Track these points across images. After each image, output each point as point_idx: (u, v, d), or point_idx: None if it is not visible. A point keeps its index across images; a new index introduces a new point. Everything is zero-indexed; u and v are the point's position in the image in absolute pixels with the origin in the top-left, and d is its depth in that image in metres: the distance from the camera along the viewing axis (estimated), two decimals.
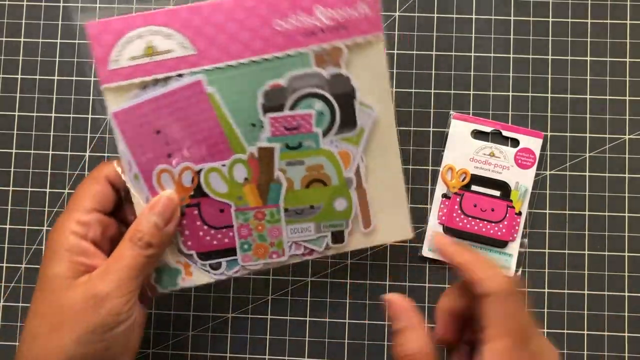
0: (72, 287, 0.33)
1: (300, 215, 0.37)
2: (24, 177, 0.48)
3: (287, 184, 0.36)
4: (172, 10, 0.34)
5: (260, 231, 0.37)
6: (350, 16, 0.35)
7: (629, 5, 0.48)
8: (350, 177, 0.37)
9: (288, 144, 0.36)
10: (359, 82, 0.36)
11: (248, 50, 0.35)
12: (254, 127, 0.36)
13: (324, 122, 0.36)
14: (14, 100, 0.48)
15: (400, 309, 0.33)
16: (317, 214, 0.37)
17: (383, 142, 0.38)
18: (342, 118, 0.36)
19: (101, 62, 0.34)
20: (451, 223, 0.46)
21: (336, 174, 0.36)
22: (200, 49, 0.34)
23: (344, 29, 0.36)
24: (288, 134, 0.35)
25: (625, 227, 0.46)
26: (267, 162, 0.35)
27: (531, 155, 0.46)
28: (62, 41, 0.48)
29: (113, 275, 0.33)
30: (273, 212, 0.36)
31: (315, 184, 0.36)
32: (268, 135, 0.35)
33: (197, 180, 0.36)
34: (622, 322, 0.45)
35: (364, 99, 0.37)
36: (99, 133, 0.48)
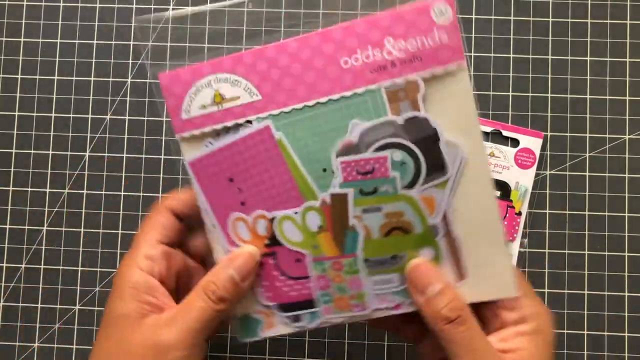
0: (137, 327, 0.32)
1: (382, 265, 0.34)
2: (24, 177, 0.48)
3: (365, 233, 0.33)
4: (237, 56, 0.33)
5: (339, 282, 0.34)
6: (425, 46, 0.32)
7: (629, 5, 0.48)
8: (435, 224, 0.33)
9: (362, 189, 0.33)
10: (442, 119, 0.32)
11: (315, 92, 0.33)
12: (325, 172, 0.33)
13: (408, 173, 0.33)
14: (14, 100, 0.48)
15: (431, 271, 0.33)
16: (400, 264, 0.34)
17: (474, 182, 0.33)
18: (428, 165, 0.33)
19: (174, 112, 0.34)
20: None
21: (420, 221, 0.33)
22: (266, 94, 0.33)
23: (419, 60, 0.32)
24: (361, 178, 0.33)
25: (625, 227, 0.46)
26: (340, 209, 0.33)
27: (531, 155, 0.46)
28: (62, 41, 0.48)
29: (179, 325, 0.32)
30: (351, 263, 0.34)
31: (396, 232, 0.33)
32: (340, 181, 0.33)
33: (271, 228, 0.34)
34: (622, 322, 0.45)
35: (450, 136, 0.32)
36: (99, 133, 0.48)
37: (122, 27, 0.49)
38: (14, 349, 0.46)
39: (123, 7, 0.48)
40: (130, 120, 0.48)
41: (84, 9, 0.49)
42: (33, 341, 0.46)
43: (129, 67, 0.48)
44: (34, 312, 0.47)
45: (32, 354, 0.46)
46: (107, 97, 0.48)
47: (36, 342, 0.46)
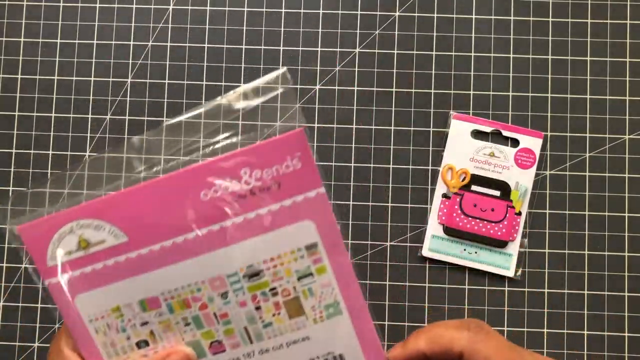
0: None
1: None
2: (24, 177, 0.48)
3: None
4: (97, 202, 0.33)
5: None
6: (281, 173, 0.32)
7: (629, 5, 0.48)
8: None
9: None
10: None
11: (176, 229, 0.33)
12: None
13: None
14: (14, 100, 0.48)
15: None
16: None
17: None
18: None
19: (39, 261, 0.34)
20: (451, 223, 0.46)
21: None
22: (131, 235, 0.33)
23: (277, 189, 0.32)
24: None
25: (625, 227, 0.46)
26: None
27: (531, 155, 0.46)
28: (62, 41, 0.48)
29: None
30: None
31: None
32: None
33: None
34: (622, 322, 0.45)
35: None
36: (99, 133, 0.48)
37: (122, 27, 0.49)
38: (14, 349, 0.46)
39: (123, 7, 0.48)
40: (130, 120, 0.48)
41: (83, 9, 0.49)
42: (33, 341, 0.47)
43: (129, 67, 0.48)
44: (34, 312, 0.47)
45: (32, 354, 0.46)
46: (107, 97, 0.48)
47: (36, 342, 0.46)
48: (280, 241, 0.32)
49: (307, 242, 0.32)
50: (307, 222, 0.32)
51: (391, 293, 0.46)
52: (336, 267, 0.32)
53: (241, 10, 0.48)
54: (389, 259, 0.46)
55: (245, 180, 0.32)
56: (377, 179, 0.47)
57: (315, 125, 0.47)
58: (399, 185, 0.47)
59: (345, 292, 0.32)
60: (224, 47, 0.48)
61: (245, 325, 0.32)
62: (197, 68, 0.48)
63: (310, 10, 0.48)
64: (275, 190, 0.32)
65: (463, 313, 0.45)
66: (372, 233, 0.46)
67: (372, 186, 0.47)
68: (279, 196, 0.32)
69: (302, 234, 0.32)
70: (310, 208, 0.32)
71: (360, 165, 0.47)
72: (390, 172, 0.47)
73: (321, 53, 0.48)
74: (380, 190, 0.47)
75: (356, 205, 0.46)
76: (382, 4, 0.48)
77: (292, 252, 0.32)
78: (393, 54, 0.48)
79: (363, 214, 0.46)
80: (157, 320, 0.33)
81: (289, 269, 0.32)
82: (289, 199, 0.32)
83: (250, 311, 0.32)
